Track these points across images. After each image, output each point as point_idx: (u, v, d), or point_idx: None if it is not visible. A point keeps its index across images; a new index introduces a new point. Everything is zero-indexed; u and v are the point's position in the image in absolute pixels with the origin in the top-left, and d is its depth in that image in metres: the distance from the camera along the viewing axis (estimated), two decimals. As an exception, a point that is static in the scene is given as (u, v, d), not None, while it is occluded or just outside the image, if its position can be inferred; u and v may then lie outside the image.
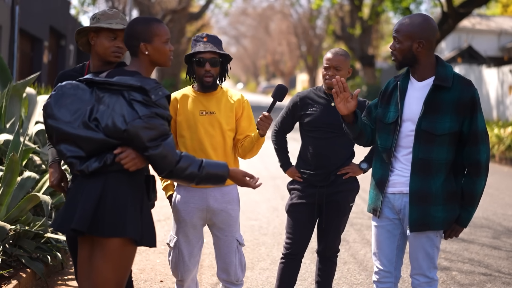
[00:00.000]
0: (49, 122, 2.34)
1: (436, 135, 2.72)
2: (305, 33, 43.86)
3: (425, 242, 2.82)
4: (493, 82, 19.02)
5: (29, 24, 14.47)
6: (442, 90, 2.73)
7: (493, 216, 7.17)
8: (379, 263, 2.93)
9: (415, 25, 2.73)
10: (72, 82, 2.41)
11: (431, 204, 2.75)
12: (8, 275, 3.70)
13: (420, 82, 2.80)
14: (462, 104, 2.72)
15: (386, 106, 2.88)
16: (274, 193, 8.00)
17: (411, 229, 2.77)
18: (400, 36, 2.75)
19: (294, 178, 3.59)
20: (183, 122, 3.14)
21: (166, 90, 2.39)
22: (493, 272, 4.90)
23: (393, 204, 2.85)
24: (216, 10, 33.94)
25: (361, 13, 25.35)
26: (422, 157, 2.74)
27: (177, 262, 3.19)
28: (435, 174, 2.74)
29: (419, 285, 2.87)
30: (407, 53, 2.75)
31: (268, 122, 3.03)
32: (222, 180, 2.45)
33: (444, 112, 2.72)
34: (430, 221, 2.76)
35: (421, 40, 2.72)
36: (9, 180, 4.01)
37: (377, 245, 2.93)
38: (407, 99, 2.80)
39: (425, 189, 2.74)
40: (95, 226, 2.31)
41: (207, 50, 3.06)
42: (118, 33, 2.80)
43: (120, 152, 2.32)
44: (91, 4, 23.67)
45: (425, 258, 2.83)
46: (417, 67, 2.79)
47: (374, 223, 2.95)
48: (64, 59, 19.04)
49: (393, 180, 2.84)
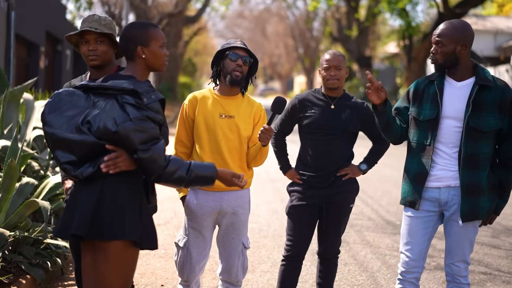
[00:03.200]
0: (45, 128, 2.36)
1: (483, 132, 2.93)
2: (302, 35, 43.92)
3: (471, 230, 3.04)
4: (490, 82, 19.03)
5: (25, 29, 14.46)
6: (485, 90, 2.94)
7: (492, 216, 7.17)
8: (410, 253, 3.08)
9: (459, 28, 2.96)
10: (68, 89, 2.43)
11: (479, 195, 2.97)
12: (7, 281, 3.69)
13: (459, 82, 3.00)
14: (504, 103, 2.95)
15: (419, 104, 3.05)
16: (274, 196, 7.99)
17: (463, 220, 2.97)
18: (444, 39, 2.95)
19: (293, 180, 3.59)
20: (202, 123, 3.17)
21: (160, 94, 2.39)
22: (493, 271, 4.90)
23: (438, 198, 3.02)
24: (212, 13, 33.99)
25: (357, 15, 25.39)
26: (470, 152, 2.94)
27: (185, 262, 3.21)
28: (481, 168, 2.97)
29: (459, 271, 3.06)
30: (450, 56, 2.96)
31: (269, 134, 3.07)
32: (211, 182, 2.46)
33: (489, 110, 2.94)
34: (479, 211, 2.99)
35: (465, 43, 2.94)
36: (8, 186, 4.00)
37: (411, 235, 3.07)
38: (446, 98, 2.99)
39: (474, 182, 2.96)
40: (94, 230, 2.31)
41: (241, 47, 3.15)
42: (87, 37, 2.84)
43: (112, 148, 2.32)
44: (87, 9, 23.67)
45: (469, 245, 3.06)
46: (457, 68, 2.99)
47: (409, 214, 3.09)
48: (60, 64, 19.02)
49: (438, 175, 3.01)
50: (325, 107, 3.49)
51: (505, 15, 30.80)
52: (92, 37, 2.84)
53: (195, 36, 35.20)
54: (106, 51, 2.87)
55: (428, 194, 3.03)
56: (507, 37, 26.14)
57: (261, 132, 3.06)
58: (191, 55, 42.50)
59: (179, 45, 30.55)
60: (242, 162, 3.21)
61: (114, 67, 2.95)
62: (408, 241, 3.08)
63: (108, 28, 2.87)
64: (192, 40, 35.94)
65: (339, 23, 28.97)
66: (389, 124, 3.08)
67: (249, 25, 53.41)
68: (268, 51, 58.00)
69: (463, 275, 3.08)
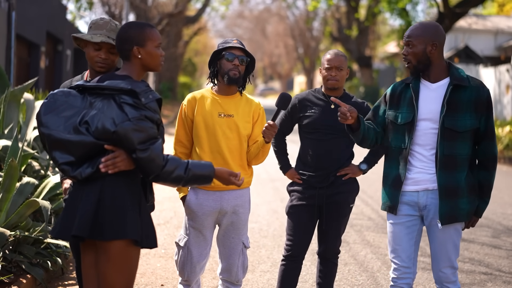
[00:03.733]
0: (41, 130, 2.35)
1: (459, 132, 2.88)
2: (302, 35, 43.90)
3: (453, 234, 2.97)
4: (490, 82, 19.05)
5: (26, 29, 14.46)
6: (459, 90, 2.90)
7: (492, 215, 7.18)
8: (399, 260, 3.03)
9: (428, 28, 2.92)
10: (64, 90, 2.42)
11: (458, 197, 2.91)
12: (8, 281, 3.69)
13: (434, 84, 2.96)
14: (480, 103, 2.91)
15: (396, 108, 3.01)
16: (273, 196, 7.99)
17: (442, 223, 2.91)
18: (414, 40, 2.91)
19: (293, 180, 3.59)
20: (201, 123, 3.17)
21: (157, 94, 2.40)
22: (493, 271, 4.90)
23: (416, 202, 2.97)
24: (212, 13, 33.94)
25: (357, 14, 25.38)
26: (447, 153, 2.89)
27: (185, 261, 3.22)
28: (459, 169, 2.91)
29: (446, 277, 3.00)
30: (422, 56, 2.91)
31: (273, 131, 3.06)
32: (209, 180, 2.46)
33: (464, 110, 2.89)
34: (458, 213, 2.92)
35: (435, 43, 2.89)
36: (8, 186, 4.00)
37: (396, 242, 3.03)
38: (422, 100, 2.95)
39: (452, 184, 2.90)
40: (95, 230, 2.31)
41: (237, 46, 3.15)
42: (102, 44, 2.78)
43: (111, 148, 2.31)
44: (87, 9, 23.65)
45: (453, 249, 2.99)
46: (430, 69, 2.94)
47: (391, 221, 3.05)
48: (61, 64, 19.02)
49: (416, 178, 2.96)
50: (325, 107, 3.49)
51: (505, 15, 30.80)
52: (107, 46, 2.78)
53: (195, 36, 35.19)
54: (115, 60, 2.83)
55: (407, 198, 2.97)
56: (507, 36, 26.14)
57: (265, 128, 3.06)
58: (191, 55, 42.50)
59: (179, 45, 30.54)
60: (243, 161, 3.22)
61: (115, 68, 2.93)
62: (395, 248, 3.03)
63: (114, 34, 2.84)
64: (192, 40, 35.93)
65: (339, 23, 28.95)
66: (364, 137, 3.04)
67: (249, 25, 53.41)
68: (268, 51, 58.00)
69: (451, 280, 3.00)
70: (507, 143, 13.23)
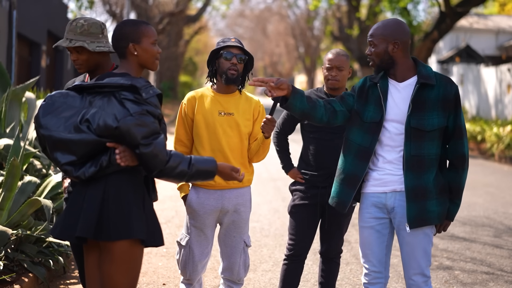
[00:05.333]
0: (41, 132, 2.33)
1: (426, 131, 2.78)
2: (303, 34, 43.88)
3: (422, 239, 2.84)
4: (492, 81, 19.03)
5: (27, 28, 14.46)
6: (426, 88, 2.81)
7: (494, 215, 7.17)
8: (370, 264, 2.93)
9: (389, 27, 2.84)
10: (62, 91, 2.41)
11: (426, 199, 2.79)
12: (10, 279, 3.69)
13: (401, 83, 2.86)
14: (447, 100, 2.81)
15: (364, 104, 2.90)
16: (275, 195, 7.99)
17: (411, 226, 2.79)
18: (375, 40, 2.84)
19: (296, 179, 3.59)
20: (201, 121, 3.17)
21: (157, 89, 2.39)
22: (495, 271, 4.89)
23: (384, 203, 2.87)
24: (213, 12, 33.91)
25: (358, 14, 25.36)
26: (414, 154, 2.79)
27: (187, 261, 3.22)
28: (427, 169, 2.80)
29: (417, 286, 2.86)
30: (384, 55, 2.83)
31: (272, 125, 3.06)
32: (212, 176, 2.46)
33: (431, 109, 2.79)
34: (427, 216, 2.80)
35: (396, 41, 2.81)
36: (10, 184, 4.00)
37: (366, 246, 2.93)
38: (390, 100, 2.85)
39: (420, 185, 2.79)
40: (100, 231, 2.29)
41: (235, 45, 3.15)
42: (68, 48, 2.78)
43: (113, 146, 2.31)
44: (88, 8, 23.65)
45: (424, 255, 2.85)
46: (396, 69, 2.86)
47: (361, 224, 2.96)
48: (62, 63, 19.02)
49: (383, 179, 2.86)
50: (328, 106, 3.48)
51: (506, 14, 30.77)
52: (71, 48, 2.79)
53: (196, 35, 35.18)
54: (87, 59, 2.80)
55: (375, 200, 2.88)
56: (508, 36, 26.11)
57: (263, 123, 3.06)
58: (192, 54, 42.49)
59: (180, 44, 30.53)
60: (244, 159, 3.22)
61: (108, 67, 2.88)
62: (365, 253, 2.93)
63: (85, 35, 2.77)
64: (193, 39, 35.92)
65: (340, 22, 28.93)
66: (305, 113, 2.82)
67: (249, 24, 53.38)
68: (269, 50, 57.98)
69: None
70: (508, 142, 13.21)
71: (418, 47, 18.52)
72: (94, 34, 2.81)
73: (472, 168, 11.76)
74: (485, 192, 8.95)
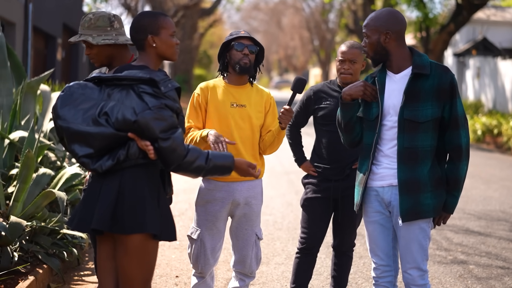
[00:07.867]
0: (59, 123, 2.32)
1: (419, 123, 2.73)
2: (318, 27, 43.68)
3: (418, 233, 2.80)
4: (509, 74, 18.79)
5: (43, 21, 14.56)
6: (421, 78, 2.75)
7: (510, 209, 7.09)
8: (377, 259, 2.92)
9: (380, 18, 2.78)
10: (80, 82, 2.40)
11: (420, 192, 2.75)
12: (24, 270, 3.73)
13: (397, 74, 2.81)
14: (442, 90, 2.74)
15: (367, 103, 2.88)
16: (288, 188, 7.98)
17: (403, 219, 2.76)
18: (368, 31, 2.79)
19: (308, 173, 3.57)
20: (213, 112, 3.17)
21: (176, 83, 2.38)
22: (510, 265, 4.84)
23: (382, 198, 2.85)
24: (228, 5, 33.90)
25: (374, 6, 25.16)
26: (407, 146, 2.75)
27: (199, 254, 3.21)
28: (421, 162, 2.75)
29: (412, 279, 2.83)
30: (377, 47, 2.78)
31: (290, 115, 3.06)
32: (229, 171, 2.45)
33: (425, 100, 2.73)
34: (421, 209, 2.75)
35: (388, 32, 2.74)
36: (25, 176, 4.04)
37: (372, 241, 2.92)
38: (386, 93, 2.81)
39: (413, 178, 2.74)
40: (115, 224, 2.30)
41: (246, 36, 3.14)
42: (83, 42, 2.87)
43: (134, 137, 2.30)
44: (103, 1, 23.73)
45: (419, 250, 2.81)
46: (391, 60, 2.80)
47: (365, 219, 2.95)
48: (77, 56, 19.14)
49: (381, 173, 2.83)
50: (341, 99, 3.45)
51: (524, 7, 30.29)
52: (85, 43, 2.85)
53: (210, 28, 35.18)
54: (98, 53, 2.84)
55: (376, 194, 2.86)
56: (526, 28, 25.72)
57: (281, 113, 3.05)
58: (207, 47, 42.51)
59: (194, 37, 30.55)
60: (255, 151, 3.21)
61: (126, 59, 2.90)
62: (372, 247, 2.92)
63: (92, 29, 2.81)
64: (208, 32, 35.93)
65: (355, 15, 28.75)
66: (351, 124, 2.89)
67: (264, 17, 53.26)
68: (283, 43, 57.82)
69: (418, 284, 2.81)
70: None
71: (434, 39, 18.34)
72: (101, 27, 2.81)
73: (488, 162, 11.66)
74: (501, 186, 8.85)
